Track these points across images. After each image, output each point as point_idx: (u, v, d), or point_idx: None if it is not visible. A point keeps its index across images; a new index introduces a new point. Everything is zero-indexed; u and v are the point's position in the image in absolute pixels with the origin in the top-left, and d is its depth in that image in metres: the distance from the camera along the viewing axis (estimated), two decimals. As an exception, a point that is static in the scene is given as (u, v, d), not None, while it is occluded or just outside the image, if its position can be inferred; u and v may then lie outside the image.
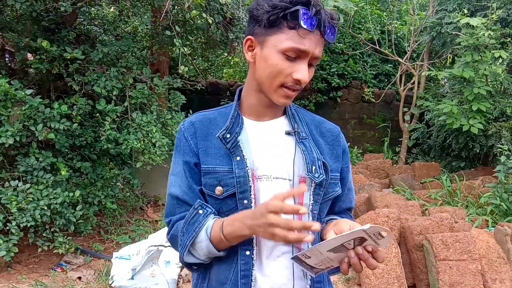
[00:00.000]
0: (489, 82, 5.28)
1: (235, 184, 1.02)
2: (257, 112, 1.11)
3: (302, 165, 1.06)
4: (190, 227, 1.02)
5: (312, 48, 0.98)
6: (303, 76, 0.99)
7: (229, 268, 1.04)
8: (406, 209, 3.78)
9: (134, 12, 4.68)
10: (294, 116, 1.14)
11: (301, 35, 0.97)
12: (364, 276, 2.98)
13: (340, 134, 1.19)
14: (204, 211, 1.03)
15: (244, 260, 1.03)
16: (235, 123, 1.07)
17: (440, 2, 6.09)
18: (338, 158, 1.15)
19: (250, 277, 1.03)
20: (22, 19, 3.72)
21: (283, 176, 1.06)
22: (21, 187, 3.10)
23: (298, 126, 1.11)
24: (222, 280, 1.05)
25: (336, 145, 1.16)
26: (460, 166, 6.33)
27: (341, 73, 7.76)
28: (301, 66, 0.99)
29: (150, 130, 3.61)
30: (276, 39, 0.99)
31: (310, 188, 1.06)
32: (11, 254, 3.06)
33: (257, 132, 1.10)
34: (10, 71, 3.92)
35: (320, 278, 1.08)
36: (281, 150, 1.08)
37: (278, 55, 0.99)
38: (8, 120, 3.06)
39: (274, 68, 1.00)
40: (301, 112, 1.18)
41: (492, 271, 3.04)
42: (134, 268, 3.14)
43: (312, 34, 0.97)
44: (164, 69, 5.35)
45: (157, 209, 4.92)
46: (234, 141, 1.05)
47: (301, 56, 0.99)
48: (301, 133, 1.10)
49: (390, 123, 7.90)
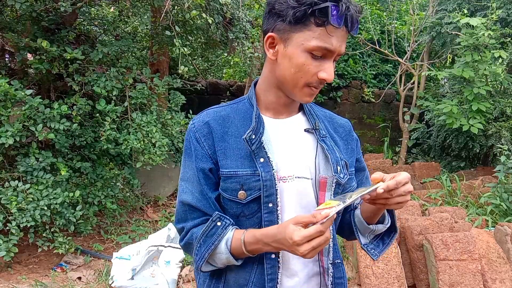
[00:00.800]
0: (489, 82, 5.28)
1: (260, 187, 0.98)
2: (274, 109, 1.07)
3: (323, 164, 1.04)
4: (209, 239, 1.00)
5: (338, 46, 0.94)
6: (330, 76, 0.96)
7: (249, 269, 1.02)
8: (406, 209, 3.78)
9: (134, 12, 4.68)
10: (311, 113, 1.10)
11: (329, 33, 0.92)
12: (364, 276, 2.98)
13: (351, 128, 1.18)
14: (223, 223, 1.00)
15: (270, 263, 1.01)
16: (259, 122, 1.02)
17: (440, 2, 6.09)
18: (353, 152, 1.14)
19: (276, 280, 1.01)
20: (22, 19, 3.72)
21: (305, 176, 1.03)
22: (21, 187, 3.10)
23: (317, 123, 1.08)
24: (241, 282, 1.03)
25: (349, 140, 1.15)
26: (460, 166, 6.33)
27: (341, 73, 7.76)
28: (328, 65, 0.95)
29: (150, 130, 3.61)
30: (302, 37, 0.93)
31: (331, 188, 1.03)
32: (11, 254, 3.06)
33: (276, 130, 1.05)
34: (10, 71, 3.92)
35: (340, 274, 1.09)
36: (301, 149, 1.05)
37: (304, 54, 0.94)
38: (8, 120, 3.06)
39: (300, 68, 0.95)
40: (313, 107, 1.15)
41: (492, 271, 3.04)
42: (134, 268, 3.14)
43: (339, 30, 0.93)
44: (164, 69, 5.35)
45: (157, 209, 4.92)
46: (259, 142, 1.00)
47: (327, 55, 0.95)
48: (321, 131, 1.07)
49: (390, 123, 7.90)
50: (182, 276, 3.30)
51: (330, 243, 1.04)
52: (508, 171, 4.32)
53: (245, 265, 1.03)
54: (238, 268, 1.03)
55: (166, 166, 4.48)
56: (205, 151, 1.02)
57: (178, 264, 3.27)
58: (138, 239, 3.96)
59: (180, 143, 4.29)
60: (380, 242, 1.13)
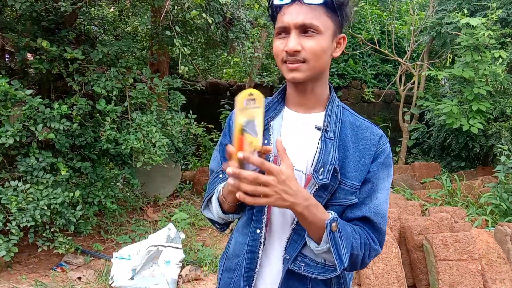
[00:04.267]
0: (489, 82, 5.28)
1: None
2: (296, 102, 1.15)
3: (314, 162, 1.09)
4: (210, 185, 1.21)
5: (291, 19, 1.02)
6: (287, 46, 1.03)
7: (244, 242, 1.15)
8: (406, 209, 3.78)
9: (134, 12, 4.67)
10: (332, 114, 1.12)
11: (283, 13, 1.04)
12: (364, 276, 2.98)
13: (375, 143, 1.11)
14: (224, 176, 1.17)
15: (253, 237, 1.13)
16: (271, 107, 1.15)
17: (440, 2, 6.09)
18: (364, 168, 1.08)
19: (257, 254, 1.12)
20: (22, 19, 3.72)
21: (300, 169, 1.09)
22: (21, 187, 3.10)
23: (330, 124, 1.10)
24: (237, 252, 1.17)
25: (366, 153, 1.09)
26: (460, 166, 6.33)
27: (341, 73, 7.76)
28: (288, 40, 1.04)
29: (150, 130, 3.60)
30: (275, 28, 1.08)
31: (313, 187, 1.05)
32: (11, 254, 3.06)
33: (291, 122, 1.14)
34: (10, 71, 3.92)
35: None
36: (305, 143, 1.11)
37: (275, 39, 1.08)
38: (8, 120, 3.06)
39: (274, 50, 1.09)
40: (344, 112, 1.15)
41: (492, 271, 3.04)
42: (134, 268, 3.14)
43: (291, 6, 1.03)
44: (164, 69, 5.35)
45: (157, 209, 4.92)
46: (266, 125, 1.11)
47: (287, 31, 1.04)
48: (328, 132, 1.09)
49: (390, 123, 7.90)
50: (182, 276, 3.30)
51: (291, 237, 1.11)
52: (508, 171, 4.33)
53: (242, 236, 1.16)
54: (237, 239, 1.18)
55: (166, 166, 4.48)
56: (230, 130, 1.21)
57: (178, 264, 3.27)
58: (138, 239, 3.96)
59: (180, 143, 4.29)
60: (317, 268, 1.09)
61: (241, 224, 1.18)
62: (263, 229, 1.11)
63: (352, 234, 1.04)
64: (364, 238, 1.07)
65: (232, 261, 1.18)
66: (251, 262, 1.12)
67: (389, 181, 1.13)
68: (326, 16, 1.03)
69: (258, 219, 1.11)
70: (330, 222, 0.99)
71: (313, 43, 1.02)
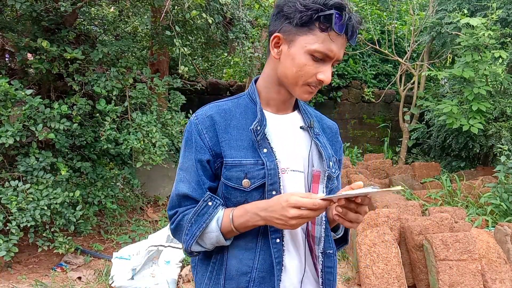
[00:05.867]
0: (489, 82, 5.28)
1: (264, 176, 1.04)
2: (275, 106, 1.14)
3: (317, 159, 1.13)
4: (200, 218, 1.05)
5: (338, 52, 1.02)
6: (327, 78, 1.02)
7: (252, 257, 1.07)
8: (406, 209, 3.78)
9: (134, 12, 4.67)
10: (306, 112, 1.19)
11: (331, 39, 0.99)
12: (364, 276, 2.98)
13: (338, 131, 1.27)
14: (214, 203, 1.05)
15: (276, 247, 1.06)
16: (262, 115, 1.10)
17: (440, 2, 6.09)
18: (336, 154, 1.22)
19: (282, 263, 1.07)
20: (22, 19, 3.71)
21: (299, 169, 1.11)
22: (21, 187, 3.10)
23: (311, 121, 1.16)
24: (243, 269, 1.06)
25: (335, 141, 1.23)
26: (460, 166, 6.33)
27: (341, 73, 7.76)
28: (326, 68, 1.02)
29: (150, 130, 3.60)
30: (305, 40, 1.00)
31: (324, 180, 1.12)
32: (11, 254, 3.06)
33: (277, 125, 1.12)
34: (10, 71, 3.92)
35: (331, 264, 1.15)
36: (297, 144, 1.13)
37: (306, 56, 1.01)
38: (8, 120, 3.06)
39: (301, 68, 1.02)
40: (306, 107, 1.22)
41: (492, 271, 3.04)
42: (134, 268, 3.14)
43: (340, 37, 1.00)
44: (164, 69, 5.35)
45: (157, 209, 4.92)
46: (263, 134, 1.07)
47: (327, 59, 1.02)
48: (315, 129, 1.16)
49: (390, 123, 7.90)
50: (182, 276, 3.30)
51: (322, 233, 1.11)
52: (508, 171, 4.32)
53: (248, 252, 1.07)
54: (240, 256, 1.07)
55: (166, 166, 4.48)
56: (205, 143, 1.07)
57: (178, 264, 3.27)
58: (138, 239, 3.96)
59: (180, 143, 4.28)
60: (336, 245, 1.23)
61: (243, 241, 1.08)
62: (284, 237, 1.08)
63: None
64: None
65: (240, 280, 1.07)
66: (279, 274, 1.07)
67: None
68: None
69: (276, 229, 1.06)
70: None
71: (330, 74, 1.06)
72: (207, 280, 1.11)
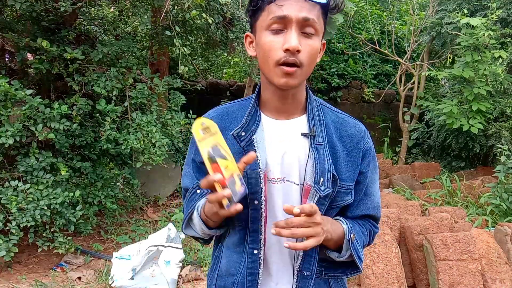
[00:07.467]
0: (489, 82, 5.28)
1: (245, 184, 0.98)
2: (275, 108, 1.06)
3: (310, 172, 1.01)
4: (188, 203, 1.11)
5: (293, 12, 0.92)
6: (290, 44, 0.92)
7: (239, 261, 1.07)
8: (406, 209, 3.78)
9: (134, 12, 4.67)
10: (314, 117, 1.06)
11: (278, 4, 0.93)
12: (364, 276, 2.98)
13: (361, 140, 1.08)
14: (201, 191, 1.09)
15: (251, 258, 1.05)
16: (251, 120, 1.04)
17: (440, 2, 6.09)
18: (355, 167, 1.06)
19: (257, 275, 1.05)
20: (22, 19, 3.71)
21: (294, 181, 1.03)
22: (21, 187, 3.10)
23: (316, 128, 1.04)
24: (231, 271, 1.08)
25: (355, 152, 1.06)
26: (460, 166, 6.33)
27: (341, 73, 7.76)
28: (289, 36, 0.93)
29: (150, 130, 3.60)
30: (261, 20, 0.97)
31: (314, 197, 1.01)
32: (11, 254, 3.06)
33: (274, 131, 1.05)
34: (10, 71, 3.92)
35: (304, 286, 1.06)
36: (295, 153, 1.03)
37: (265, 33, 0.96)
38: (8, 120, 3.06)
39: (264, 47, 0.96)
40: (325, 110, 1.10)
41: (492, 271, 3.04)
42: (134, 268, 3.14)
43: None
44: (164, 69, 5.35)
45: (157, 209, 4.92)
46: (249, 140, 1.02)
47: (285, 25, 0.94)
48: (317, 138, 1.03)
49: (390, 123, 7.90)
50: (182, 276, 3.30)
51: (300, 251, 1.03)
52: (508, 171, 4.32)
53: (236, 255, 1.08)
54: (230, 257, 1.09)
55: (166, 166, 4.48)
56: None
57: (178, 264, 3.27)
58: (138, 239, 3.96)
59: (180, 143, 4.29)
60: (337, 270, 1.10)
61: (232, 242, 1.09)
62: (261, 249, 1.04)
63: (360, 230, 1.11)
64: (368, 228, 1.14)
65: (227, 280, 1.09)
66: (252, 285, 1.05)
67: (377, 171, 1.15)
68: (321, 18, 0.97)
69: (255, 240, 1.03)
70: (349, 234, 1.04)
71: (312, 43, 0.95)
72: (210, 272, 1.18)
